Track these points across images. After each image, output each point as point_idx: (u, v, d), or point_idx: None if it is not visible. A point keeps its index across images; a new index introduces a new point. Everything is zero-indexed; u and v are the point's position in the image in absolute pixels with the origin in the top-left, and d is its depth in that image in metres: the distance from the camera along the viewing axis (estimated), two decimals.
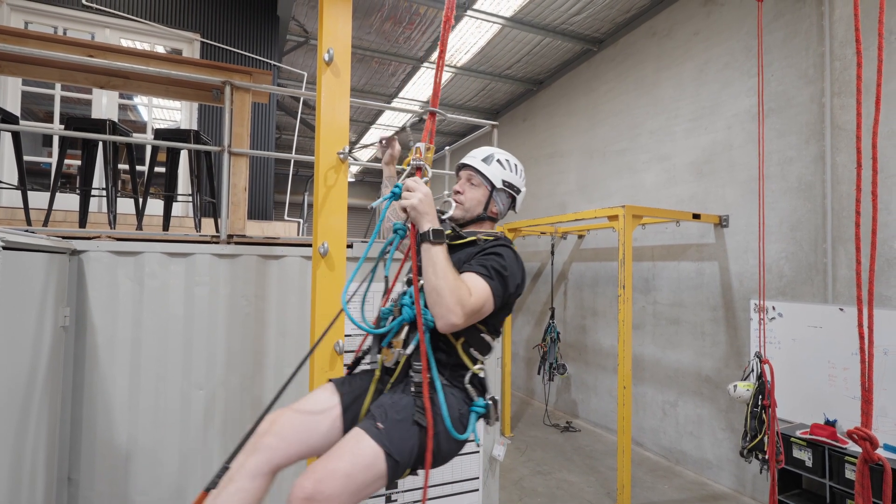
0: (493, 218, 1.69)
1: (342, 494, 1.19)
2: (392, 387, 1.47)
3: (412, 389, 1.37)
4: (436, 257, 1.32)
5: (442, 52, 1.48)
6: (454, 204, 1.66)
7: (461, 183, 1.67)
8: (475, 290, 1.35)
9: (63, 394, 2.28)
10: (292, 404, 1.45)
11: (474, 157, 1.67)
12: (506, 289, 1.43)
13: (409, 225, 1.42)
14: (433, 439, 1.32)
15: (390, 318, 1.46)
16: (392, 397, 1.40)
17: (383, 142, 1.90)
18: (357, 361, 1.61)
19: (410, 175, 1.44)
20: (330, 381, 1.55)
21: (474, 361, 1.48)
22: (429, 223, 1.35)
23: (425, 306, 1.36)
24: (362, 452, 1.25)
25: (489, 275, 1.40)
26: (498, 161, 1.65)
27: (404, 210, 1.38)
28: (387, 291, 1.56)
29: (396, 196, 1.41)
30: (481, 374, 1.49)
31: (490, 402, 1.47)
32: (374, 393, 1.46)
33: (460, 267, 1.43)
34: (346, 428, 1.41)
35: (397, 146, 1.90)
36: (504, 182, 1.65)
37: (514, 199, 1.71)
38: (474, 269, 1.41)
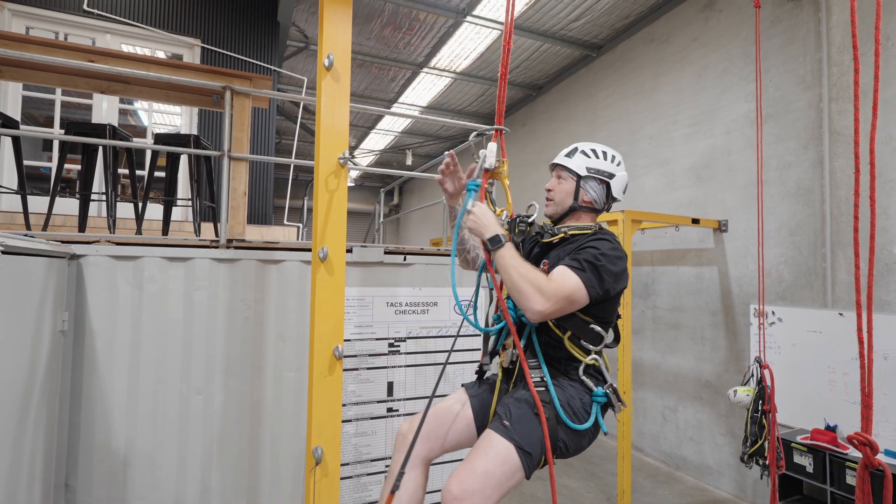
0: (589, 208, 1.70)
1: (485, 489, 1.31)
2: (514, 385, 1.59)
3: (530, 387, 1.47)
4: (502, 259, 1.43)
5: (503, 73, 1.60)
6: (537, 206, 1.75)
7: (551, 182, 1.74)
8: (558, 279, 1.42)
9: (61, 398, 2.27)
10: (435, 406, 1.63)
11: (559, 155, 1.74)
12: (601, 279, 1.45)
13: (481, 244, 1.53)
14: (550, 430, 1.40)
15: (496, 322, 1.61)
16: (514, 395, 1.52)
17: (449, 167, 1.72)
18: (482, 368, 1.72)
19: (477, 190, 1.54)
20: (462, 385, 1.73)
21: (587, 353, 1.54)
22: (487, 234, 1.46)
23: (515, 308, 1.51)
24: (495, 450, 1.37)
25: (580, 267, 1.45)
26: (582, 152, 1.70)
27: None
28: (496, 299, 1.65)
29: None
30: (596, 364, 1.55)
31: (609, 390, 1.52)
32: (499, 394, 1.60)
33: (557, 264, 1.50)
34: (479, 427, 1.58)
35: (462, 177, 1.73)
36: (589, 169, 1.67)
37: (608, 186, 1.69)
38: (566, 263, 1.47)
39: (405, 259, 2.95)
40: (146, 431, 2.40)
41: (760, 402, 3.28)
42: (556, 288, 1.39)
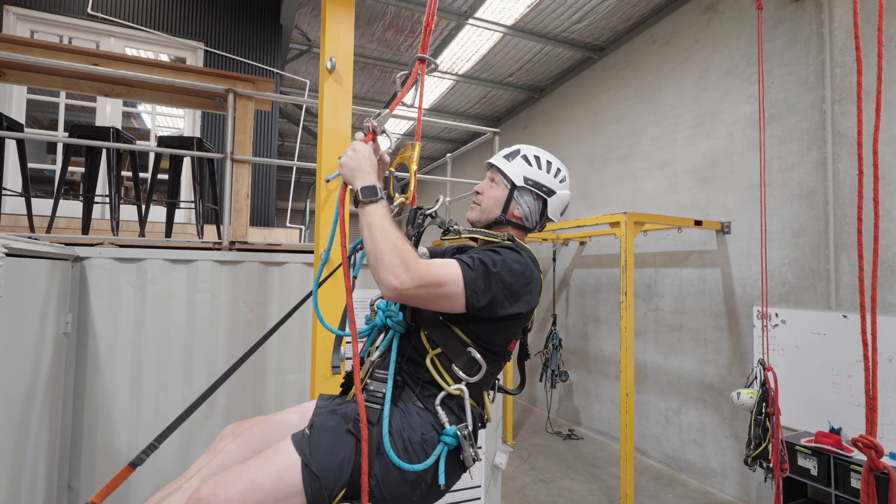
0: (517, 224, 1.43)
1: (243, 502, 1.04)
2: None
3: (363, 398, 1.16)
4: (369, 217, 1.12)
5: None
6: (442, 199, 1.49)
7: (483, 183, 1.48)
8: (435, 263, 1.14)
9: (64, 400, 2.27)
10: (273, 414, 1.34)
11: (498, 155, 1.48)
12: (488, 285, 1.16)
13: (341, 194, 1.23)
14: (368, 460, 1.08)
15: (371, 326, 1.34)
16: (340, 403, 1.25)
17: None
18: (348, 378, 1.39)
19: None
20: (321, 395, 1.39)
21: (457, 380, 1.22)
22: (361, 181, 1.16)
23: (398, 309, 1.26)
24: (275, 460, 1.09)
25: (469, 264, 1.17)
26: (524, 157, 1.43)
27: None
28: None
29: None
30: (460, 396, 1.22)
31: (464, 432, 1.18)
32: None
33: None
34: None
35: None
36: (527, 180, 1.40)
37: (544, 203, 1.43)
38: (456, 257, 1.22)
39: None
40: (148, 434, 2.40)
41: (764, 404, 3.27)
42: (425, 268, 1.10)
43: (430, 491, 1.18)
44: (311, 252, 2.73)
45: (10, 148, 3.46)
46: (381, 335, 1.30)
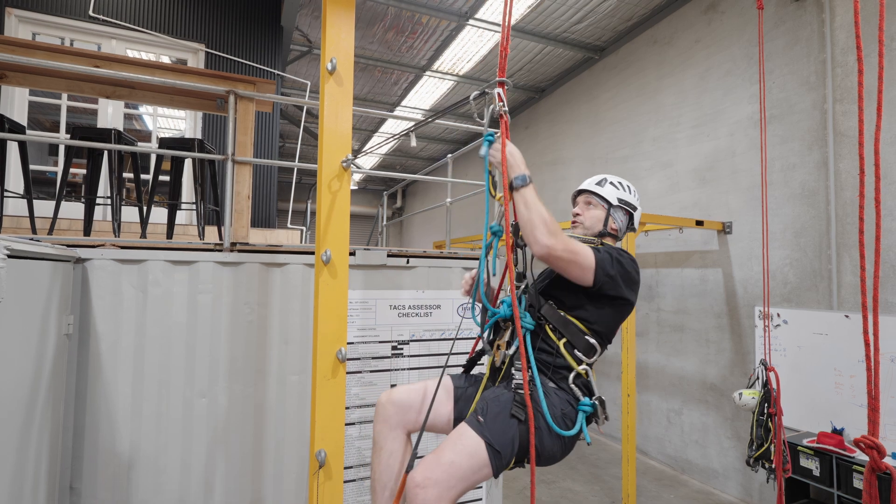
0: (613, 235, 1.80)
1: (449, 479, 1.31)
2: (498, 384, 1.58)
3: (513, 386, 1.47)
4: (524, 197, 1.44)
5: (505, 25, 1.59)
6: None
7: (579, 206, 1.83)
8: (574, 240, 1.47)
9: (66, 402, 2.28)
10: (413, 383, 1.69)
11: (589, 183, 1.84)
12: (612, 264, 1.51)
13: (504, 223, 1.51)
14: (535, 435, 1.38)
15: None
16: (494, 392, 1.51)
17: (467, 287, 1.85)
18: (472, 363, 1.76)
19: (494, 121, 1.53)
20: (449, 375, 1.70)
21: (579, 362, 1.54)
22: (518, 171, 1.47)
23: (524, 310, 1.52)
24: (464, 442, 1.37)
25: (598, 250, 1.53)
26: (611, 183, 1.81)
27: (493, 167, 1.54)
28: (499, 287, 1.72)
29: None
30: (587, 376, 1.55)
31: (597, 401, 1.52)
32: (483, 391, 1.58)
33: None
34: (457, 418, 1.59)
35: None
36: (620, 200, 1.79)
37: (631, 217, 1.82)
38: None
39: (408, 262, 2.95)
40: (150, 434, 2.40)
41: (766, 404, 3.26)
42: (568, 238, 1.45)
43: (570, 448, 1.56)
44: (313, 253, 2.73)
45: (12, 150, 3.47)
46: (507, 332, 1.55)
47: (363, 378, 2.77)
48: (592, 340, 1.57)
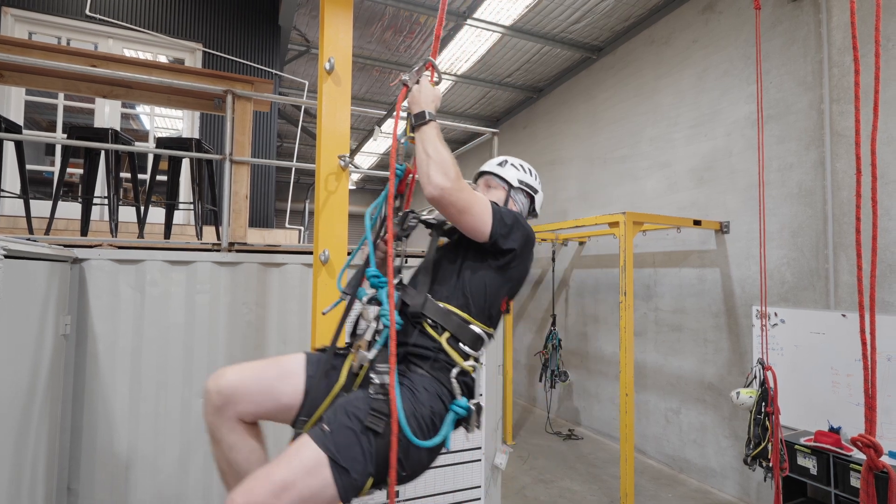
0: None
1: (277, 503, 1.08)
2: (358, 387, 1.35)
3: (371, 391, 1.24)
4: (425, 134, 1.36)
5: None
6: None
7: (480, 189, 1.76)
8: (472, 193, 1.37)
9: (63, 402, 2.27)
10: (254, 362, 1.41)
11: (489, 164, 1.79)
12: (503, 221, 1.40)
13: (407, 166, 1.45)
14: (383, 449, 1.17)
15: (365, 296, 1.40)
16: (347, 397, 1.28)
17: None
18: (334, 347, 1.45)
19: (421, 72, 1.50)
20: (305, 353, 1.45)
21: (465, 357, 1.36)
22: (416, 108, 1.40)
23: (397, 287, 1.38)
24: (302, 458, 1.13)
25: (495, 208, 1.41)
26: (511, 165, 1.76)
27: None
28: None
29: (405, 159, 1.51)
30: (472, 373, 1.37)
31: (474, 406, 1.33)
32: (334, 397, 1.33)
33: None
34: (301, 418, 1.33)
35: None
36: (520, 181, 1.74)
37: (532, 200, 1.78)
38: None
39: (406, 261, 2.95)
40: (148, 435, 2.40)
41: (763, 404, 3.27)
42: (467, 185, 1.35)
43: (438, 449, 1.31)
44: (311, 253, 2.72)
45: (9, 149, 3.45)
46: (367, 330, 1.37)
47: None
48: (479, 330, 1.39)
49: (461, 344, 1.37)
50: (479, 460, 2.98)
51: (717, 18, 4.64)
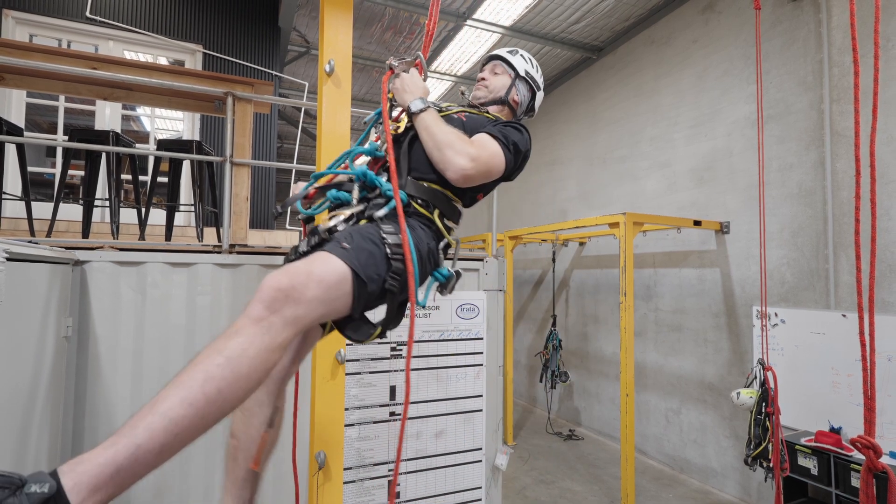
0: (512, 108, 1.75)
1: (313, 301, 1.04)
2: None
3: (382, 228, 1.24)
4: (426, 121, 1.36)
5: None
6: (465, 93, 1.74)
7: (486, 72, 1.77)
8: (483, 145, 1.38)
9: (65, 404, 2.27)
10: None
11: (500, 50, 1.80)
12: (514, 160, 1.46)
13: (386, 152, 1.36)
14: (406, 274, 1.19)
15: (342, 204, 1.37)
16: (356, 226, 1.27)
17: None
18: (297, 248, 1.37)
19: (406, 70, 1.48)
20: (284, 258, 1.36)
21: (449, 231, 1.43)
22: (408, 98, 1.40)
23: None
24: (333, 265, 1.11)
25: (504, 142, 1.42)
26: (521, 55, 1.78)
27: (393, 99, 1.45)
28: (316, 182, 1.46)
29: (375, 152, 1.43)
30: (454, 246, 1.44)
31: (454, 273, 1.39)
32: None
33: (472, 133, 1.44)
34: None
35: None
36: (527, 73, 1.75)
37: (533, 95, 1.78)
38: (487, 131, 1.44)
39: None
40: None
41: (764, 404, 3.27)
42: (479, 151, 1.34)
43: (405, 305, 1.33)
44: None
45: (10, 152, 3.46)
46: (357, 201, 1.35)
47: (362, 379, 2.77)
48: (458, 206, 1.48)
49: (446, 220, 1.43)
50: (480, 461, 2.99)
51: (717, 18, 4.64)
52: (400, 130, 1.46)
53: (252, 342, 1.00)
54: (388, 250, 1.20)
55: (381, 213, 1.29)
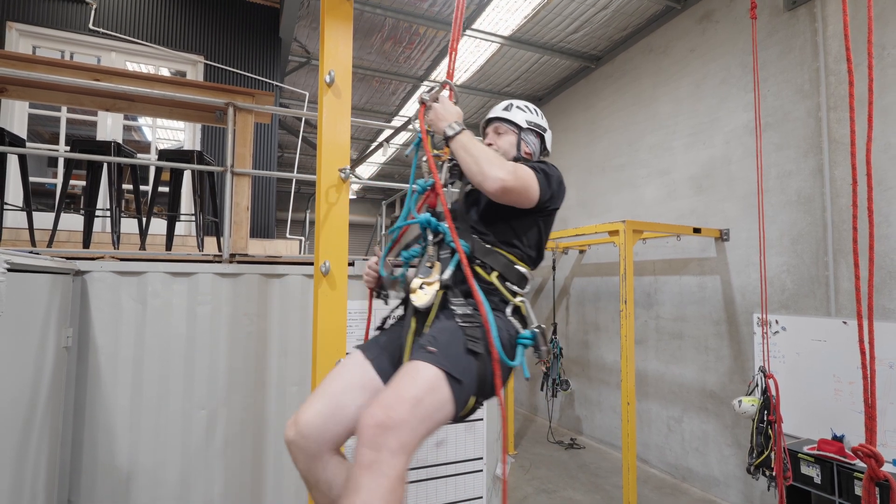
0: (527, 159, 1.76)
1: (412, 419, 1.11)
2: (434, 320, 1.40)
3: (458, 315, 1.33)
4: (461, 142, 1.44)
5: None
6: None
7: (490, 136, 1.79)
8: (517, 166, 1.44)
9: (64, 415, 2.27)
10: (317, 390, 1.37)
11: (495, 110, 1.81)
12: (549, 181, 1.51)
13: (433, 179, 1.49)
14: (488, 362, 1.27)
15: (416, 258, 1.50)
16: (435, 326, 1.34)
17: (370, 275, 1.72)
18: (385, 319, 1.60)
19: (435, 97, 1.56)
20: (356, 347, 1.49)
21: (514, 295, 1.46)
22: (444, 123, 1.48)
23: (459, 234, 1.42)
24: (423, 376, 1.18)
25: (533, 168, 1.50)
26: (517, 107, 1.79)
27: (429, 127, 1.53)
28: (395, 242, 1.63)
29: (422, 189, 1.57)
30: (523, 309, 1.46)
31: (536, 330, 1.40)
32: (412, 341, 1.39)
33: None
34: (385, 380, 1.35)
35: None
36: (528, 122, 1.77)
37: (542, 139, 1.81)
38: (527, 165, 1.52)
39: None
40: (149, 448, 2.39)
41: (766, 412, 3.26)
42: (514, 166, 1.43)
43: (508, 378, 1.42)
44: (312, 264, 2.73)
45: (12, 162, 3.48)
46: (433, 270, 1.44)
47: None
48: (523, 269, 1.52)
49: (508, 283, 1.47)
50: (481, 470, 2.97)
51: (714, 28, 4.68)
52: (443, 160, 1.58)
53: (373, 496, 1.03)
54: (473, 346, 1.27)
55: (447, 274, 1.39)
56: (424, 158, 1.51)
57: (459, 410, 1.23)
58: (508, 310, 1.43)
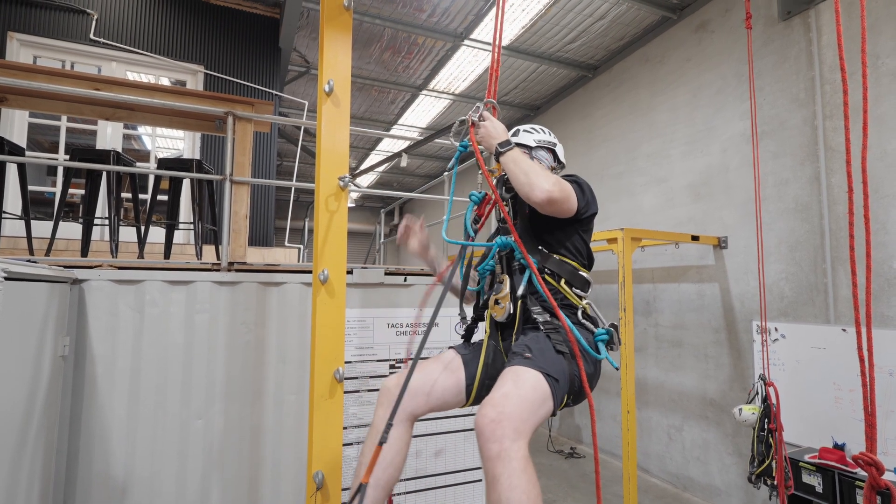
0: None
1: (521, 412, 1.26)
2: (517, 334, 1.56)
3: (541, 323, 1.51)
4: (514, 158, 1.55)
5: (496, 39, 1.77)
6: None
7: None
8: (559, 179, 1.56)
9: (60, 424, 2.25)
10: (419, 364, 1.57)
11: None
12: (583, 191, 1.63)
13: (485, 189, 1.63)
14: (573, 361, 1.42)
15: (487, 275, 1.68)
16: (524, 339, 1.50)
17: (409, 230, 1.92)
18: (469, 331, 1.77)
19: (477, 113, 1.68)
20: (450, 347, 1.72)
21: (580, 299, 1.62)
22: (498, 139, 1.59)
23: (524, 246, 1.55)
24: (524, 377, 1.33)
25: (567, 180, 1.63)
26: (524, 130, 1.92)
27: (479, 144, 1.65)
28: (469, 266, 1.74)
29: (476, 201, 1.73)
30: (589, 310, 1.61)
31: (611, 327, 1.55)
32: (487, 351, 1.62)
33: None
34: (468, 385, 1.58)
35: (418, 235, 1.92)
36: (537, 141, 1.89)
37: (553, 153, 1.93)
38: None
39: (406, 280, 2.96)
40: (145, 457, 2.37)
41: (766, 420, 3.24)
42: (557, 179, 1.54)
43: (598, 373, 1.66)
44: (310, 272, 2.73)
45: (11, 171, 3.48)
46: (504, 285, 1.61)
47: (361, 397, 2.75)
48: (585, 274, 1.66)
49: (574, 288, 1.63)
50: (480, 480, 2.95)
51: (710, 37, 4.72)
52: (496, 175, 1.68)
53: (512, 478, 1.23)
54: (560, 346, 1.45)
55: (521, 290, 1.55)
56: (480, 173, 1.64)
57: (556, 407, 1.38)
58: (579, 313, 1.59)
